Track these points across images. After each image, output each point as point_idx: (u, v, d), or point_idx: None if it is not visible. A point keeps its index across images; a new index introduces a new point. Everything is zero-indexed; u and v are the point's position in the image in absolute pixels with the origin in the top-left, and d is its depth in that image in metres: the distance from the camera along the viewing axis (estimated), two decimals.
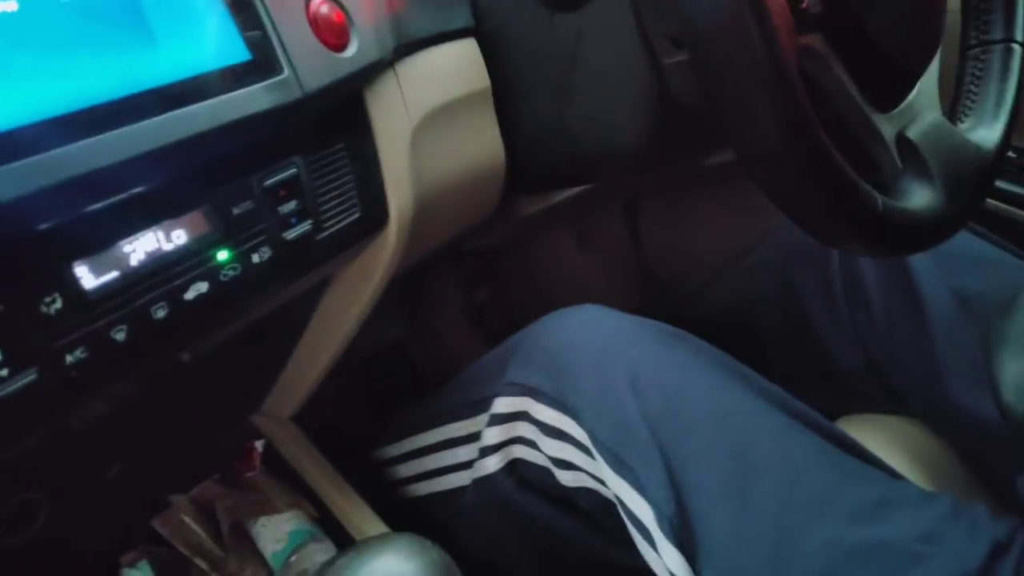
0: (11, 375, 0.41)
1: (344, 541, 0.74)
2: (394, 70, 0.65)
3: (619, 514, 0.62)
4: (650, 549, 0.59)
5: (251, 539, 0.73)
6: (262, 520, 0.73)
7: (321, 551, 0.73)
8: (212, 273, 0.51)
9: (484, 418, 0.71)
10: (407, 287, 1.25)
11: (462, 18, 0.72)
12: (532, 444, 0.68)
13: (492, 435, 0.70)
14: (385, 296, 0.72)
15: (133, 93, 0.46)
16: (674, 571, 0.57)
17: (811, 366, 0.89)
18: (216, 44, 0.51)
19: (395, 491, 0.80)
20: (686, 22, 0.51)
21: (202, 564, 0.71)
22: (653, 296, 1.31)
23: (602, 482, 0.63)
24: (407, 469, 0.80)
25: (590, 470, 0.64)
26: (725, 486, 0.58)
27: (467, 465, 0.74)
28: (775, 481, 0.58)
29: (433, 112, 0.68)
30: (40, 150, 0.40)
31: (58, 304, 0.43)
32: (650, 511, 0.58)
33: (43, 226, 0.43)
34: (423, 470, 0.78)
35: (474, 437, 0.72)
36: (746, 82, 0.50)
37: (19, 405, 0.41)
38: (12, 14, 0.41)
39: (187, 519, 0.71)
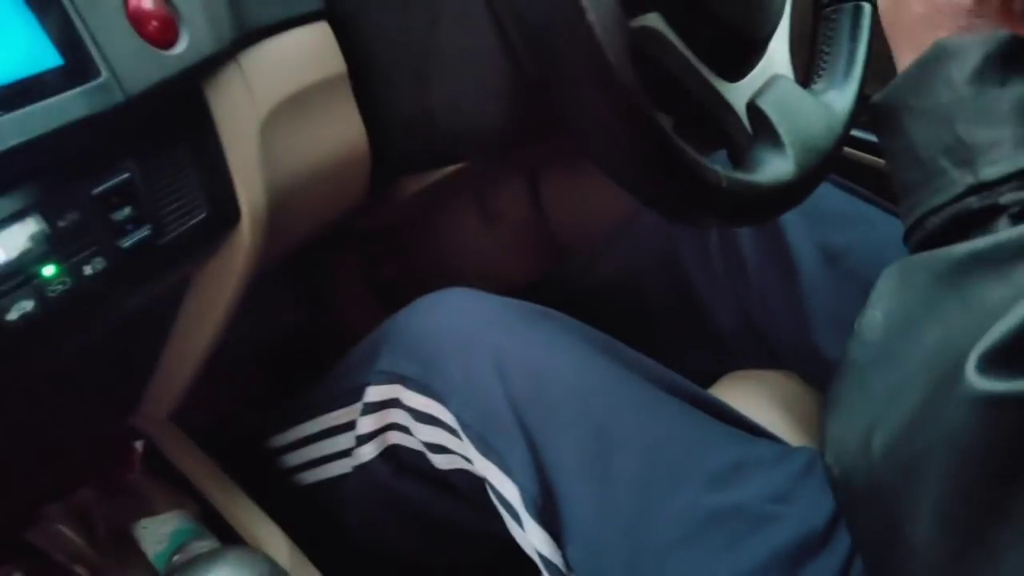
0: None
1: (228, 537, 0.73)
2: (237, 62, 0.63)
3: (492, 498, 0.63)
4: (517, 528, 0.61)
5: (134, 542, 0.73)
6: (143, 522, 0.72)
7: (204, 549, 0.72)
8: (37, 291, 0.49)
9: (358, 407, 0.71)
10: (305, 271, 1.24)
11: (310, 2, 0.70)
12: (405, 430, 0.68)
13: (367, 423, 0.70)
14: (278, 282, 0.71)
15: None
16: (540, 550, 0.59)
17: (695, 329, 0.91)
18: (21, 50, 0.49)
19: (282, 482, 0.80)
20: (515, 17, 0.51)
21: (82, 572, 0.70)
22: (556, 266, 1.32)
23: (471, 466, 0.64)
24: (292, 459, 0.80)
25: (460, 452, 0.65)
26: (587, 464, 0.59)
27: (346, 453, 0.74)
28: (635, 454, 0.59)
29: (284, 102, 0.67)
30: None
31: None
32: (516, 492, 0.60)
33: None
34: (306, 459, 0.78)
35: (350, 426, 0.72)
36: (577, 72, 0.50)
37: None
38: None
39: (63, 528, 0.70)
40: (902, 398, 0.38)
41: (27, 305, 0.49)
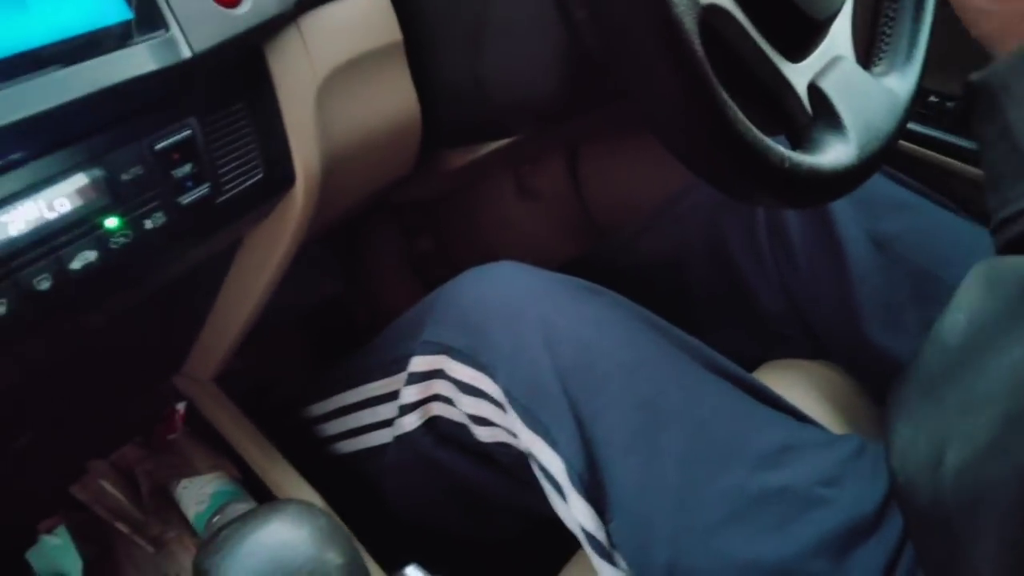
0: None
1: (265, 498, 0.74)
2: (297, 25, 0.63)
3: (534, 471, 0.63)
4: (561, 502, 0.60)
5: (174, 501, 0.73)
6: (184, 482, 0.73)
7: (244, 509, 0.73)
8: (100, 241, 0.50)
9: (402, 376, 0.71)
10: (344, 241, 1.24)
11: None
12: (449, 401, 0.68)
13: (410, 393, 0.70)
14: (319, 251, 0.72)
15: (3, 57, 0.44)
16: (584, 524, 0.59)
17: (738, 312, 0.90)
18: (92, 2, 0.49)
19: (321, 450, 0.81)
20: None
21: (123, 528, 0.71)
22: (594, 244, 1.31)
23: (515, 438, 0.64)
24: (331, 427, 0.80)
25: (505, 425, 0.65)
26: (633, 438, 0.59)
27: (388, 423, 0.74)
28: (682, 431, 0.59)
29: (340, 67, 0.67)
30: None
31: None
32: (562, 466, 0.59)
33: None
34: (346, 428, 0.79)
35: (393, 396, 0.72)
36: (644, 45, 0.49)
37: None
38: None
39: (106, 484, 0.71)
40: (980, 416, 0.36)
41: (90, 255, 0.49)
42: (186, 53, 0.52)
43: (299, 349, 1.05)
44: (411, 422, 0.71)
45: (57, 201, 0.48)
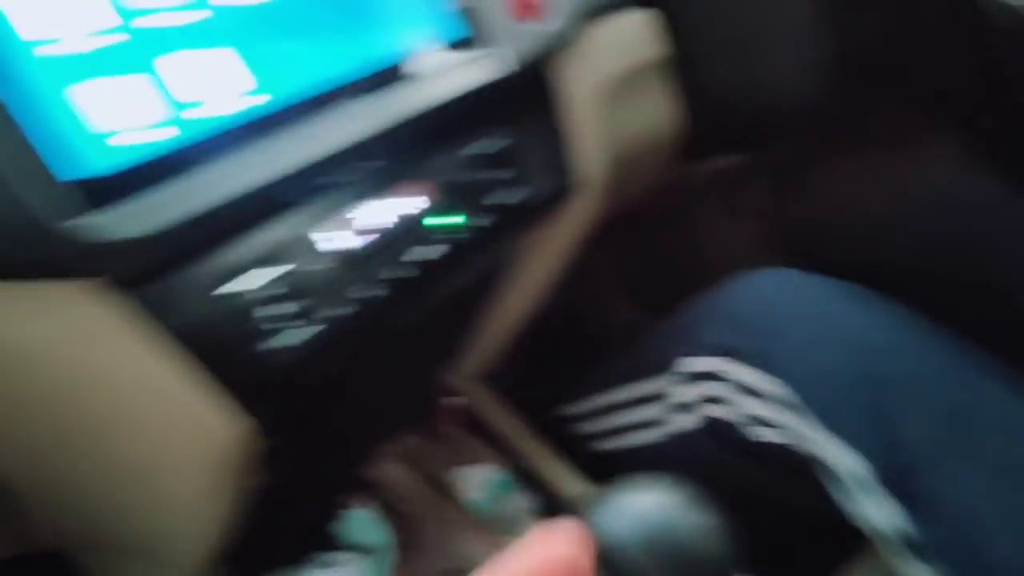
0: (290, 327, 0.46)
1: (541, 492, 0.78)
2: (580, 40, 0.68)
3: (819, 471, 0.63)
4: (862, 503, 0.60)
5: (454, 489, 0.79)
6: (463, 472, 0.78)
7: (520, 501, 0.77)
8: (444, 236, 0.55)
9: (673, 377, 0.73)
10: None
11: None
12: (727, 403, 0.69)
13: (683, 394, 0.72)
14: None
15: (367, 75, 0.50)
16: (884, 529, 0.58)
17: (997, 318, 0.86)
18: (435, 24, 0.55)
19: (582, 446, 0.84)
20: None
21: (411, 512, 0.76)
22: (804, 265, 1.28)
23: (803, 439, 0.64)
24: (593, 426, 0.83)
25: (791, 426, 0.65)
26: (946, 444, 0.58)
27: (657, 423, 0.76)
28: (994, 439, 0.58)
29: (615, 80, 0.71)
30: (293, 126, 0.45)
31: (323, 263, 0.48)
32: (865, 467, 0.59)
33: (305, 196, 0.48)
34: (610, 427, 0.81)
35: (663, 396, 0.74)
36: None
37: (308, 352, 0.46)
38: (271, 4, 0.46)
39: (396, 470, 0.77)
40: None
41: (440, 249, 0.55)
42: (512, 66, 0.57)
43: (539, 353, 1.09)
44: (683, 422, 0.73)
45: (412, 201, 0.54)
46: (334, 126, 0.47)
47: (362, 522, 0.73)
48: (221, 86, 0.43)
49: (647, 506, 0.44)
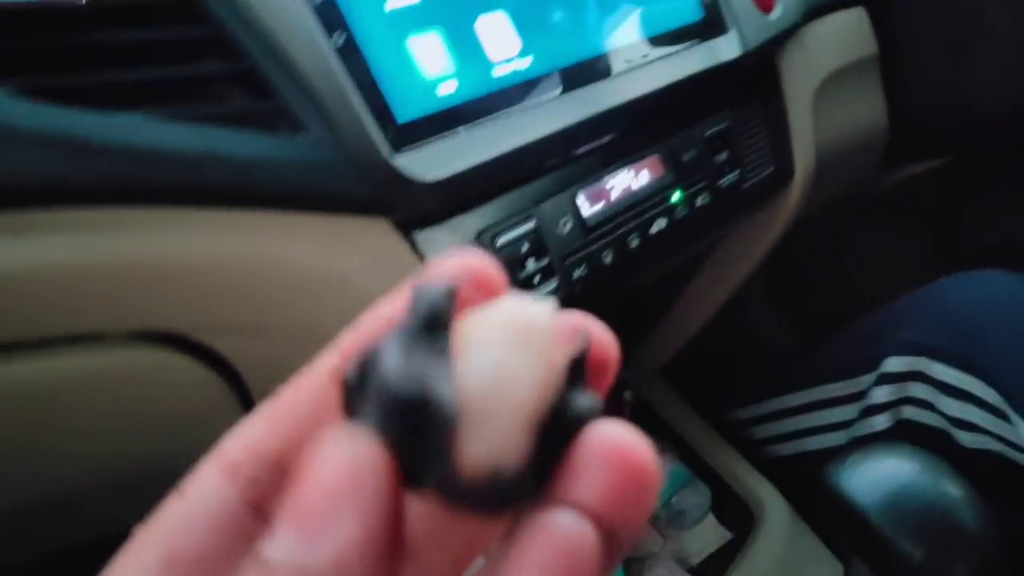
0: (540, 283, 0.48)
1: (716, 486, 0.77)
2: (799, 35, 0.68)
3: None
4: None
5: None
6: None
7: (698, 494, 0.77)
8: (669, 211, 0.56)
9: (870, 378, 0.71)
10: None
11: None
12: (926, 405, 0.67)
13: (880, 394, 0.70)
14: None
15: (620, 46, 0.52)
16: None
17: None
18: (675, 5, 0.56)
19: (757, 450, 0.83)
20: None
21: None
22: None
23: (1012, 445, 0.61)
24: (769, 429, 0.82)
25: (998, 432, 0.63)
26: None
27: (844, 425, 0.74)
28: None
29: (830, 75, 0.70)
30: (552, 94, 0.47)
31: (569, 227, 0.50)
32: None
33: (553, 161, 0.50)
34: (790, 430, 0.80)
35: (856, 397, 0.73)
36: None
37: None
38: None
39: None
40: None
41: (662, 223, 0.56)
42: (739, 51, 0.58)
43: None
44: (877, 424, 0.71)
45: (641, 175, 0.55)
46: (585, 96, 0.49)
47: None
48: (501, 46, 0.45)
49: (897, 470, 0.44)
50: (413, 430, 0.12)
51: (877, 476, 0.40)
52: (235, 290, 0.40)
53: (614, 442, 0.13)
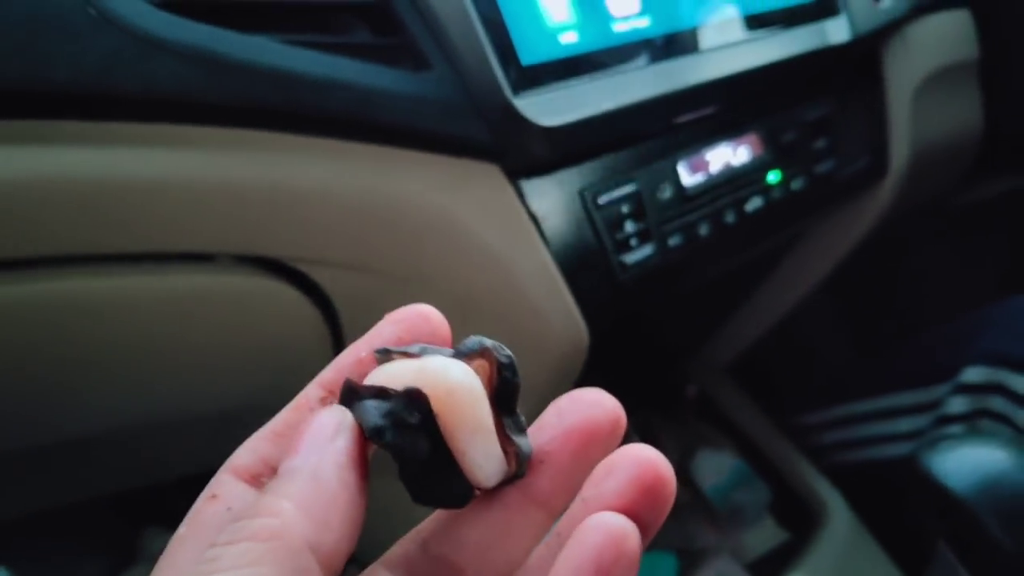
0: (637, 246, 0.47)
1: (777, 483, 0.76)
2: (903, 31, 0.67)
3: None
4: None
5: (689, 469, 0.78)
6: (702, 453, 0.77)
7: (757, 491, 0.76)
8: (765, 191, 0.55)
9: (945, 388, 0.69)
10: None
11: None
12: (1003, 418, 0.66)
13: (956, 405, 0.68)
14: None
15: (734, 18, 0.52)
16: None
17: None
18: None
19: (820, 456, 0.81)
20: None
21: None
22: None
23: None
24: (834, 436, 0.80)
25: None
26: None
27: (914, 435, 0.73)
28: None
29: (931, 74, 0.69)
30: (673, 56, 0.47)
31: (667, 193, 0.49)
32: None
33: (659, 125, 0.50)
34: (856, 437, 0.78)
35: (929, 407, 0.71)
36: None
37: (638, 272, 0.48)
38: None
39: (636, 440, 0.77)
40: None
41: (757, 201, 0.55)
42: (847, 35, 0.57)
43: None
44: (951, 435, 0.69)
45: (740, 151, 0.55)
46: (695, 63, 0.49)
47: None
48: (621, 3, 0.45)
49: (992, 457, 0.43)
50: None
51: (971, 461, 0.39)
52: (343, 223, 0.40)
53: (642, 457, 0.17)
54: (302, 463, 0.17)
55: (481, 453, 0.17)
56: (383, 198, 0.40)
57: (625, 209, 0.47)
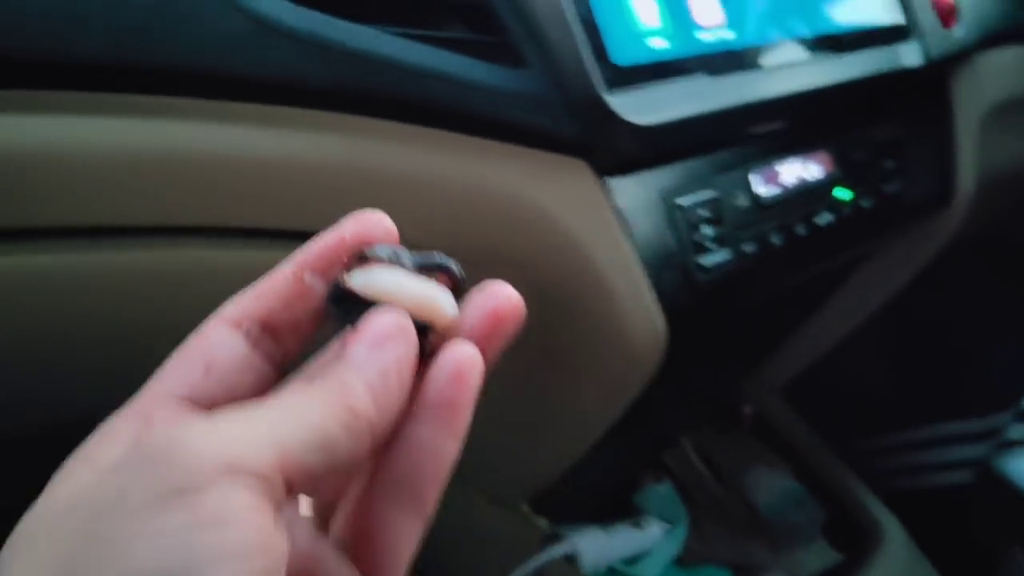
0: (715, 249, 0.49)
1: (830, 504, 0.76)
2: (972, 60, 0.68)
3: None
4: None
5: (744, 487, 0.78)
6: (758, 472, 0.77)
7: (811, 512, 0.75)
8: (835, 207, 0.56)
9: (1006, 415, 0.69)
10: None
11: None
12: None
13: (1018, 432, 0.68)
14: None
15: (813, 35, 0.53)
16: None
17: None
18: (869, 4, 0.57)
19: (875, 482, 0.81)
20: None
21: (700, 499, 0.76)
22: None
23: None
24: (889, 462, 0.80)
25: None
26: None
27: (971, 464, 0.72)
28: None
29: (1000, 104, 0.70)
30: (754, 68, 0.49)
31: (744, 202, 0.50)
32: None
33: (735, 135, 0.51)
34: (912, 464, 0.78)
35: (989, 435, 0.71)
36: None
37: (714, 275, 0.49)
38: None
39: (693, 457, 0.77)
40: None
41: (828, 216, 0.56)
42: (920, 60, 0.58)
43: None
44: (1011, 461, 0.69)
45: (811, 166, 0.56)
46: (774, 76, 0.50)
47: (663, 497, 0.74)
48: (707, 14, 0.47)
49: None
50: None
51: None
52: (437, 209, 0.42)
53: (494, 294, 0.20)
54: (368, 358, 0.19)
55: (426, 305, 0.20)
56: (478, 187, 0.42)
57: (704, 213, 0.48)
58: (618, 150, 0.43)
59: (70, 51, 0.33)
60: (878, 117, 0.60)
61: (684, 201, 0.47)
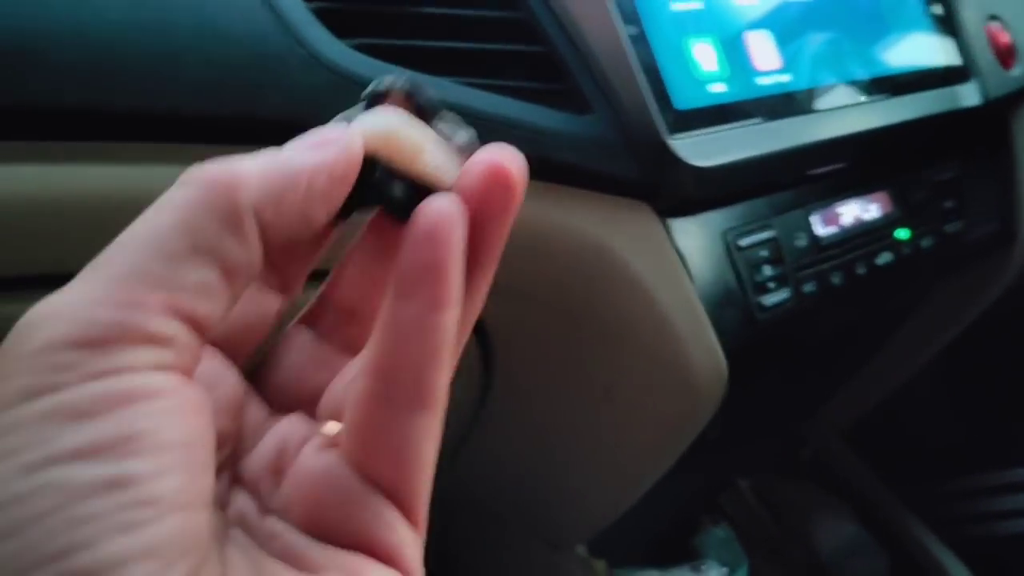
0: (775, 289, 0.49)
1: (895, 551, 0.74)
2: None
3: None
4: None
5: (805, 531, 0.77)
6: (820, 517, 0.76)
7: (874, 557, 0.74)
8: (894, 247, 0.57)
9: None
10: None
11: None
12: None
13: None
14: None
15: (870, 78, 0.54)
16: None
17: None
18: (927, 46, 0.58)
19: (940, 529, 0.79)
20: None
21: (759, 543, 0.75)
22: None
23: None
24: (956, 509, 0.78)
25: None
26: None
27: None
28: None
29: None
30: (812, 111, 0.49)
31: (803, 242, 0.51)
32: None
33: (794, 177, 0.52)
34: (981, 511, 0.76)
35: None
36: None
37: (775, 314, 0.49)
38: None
39: (752, 500, 0.77)
40: None
41: (887, 256, 0.56)
42: (978, 99, 0.59)
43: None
44: None
45: (870, 206, 0.56)
46: (832, 119, 0.51)
47: (722, 540, 0.73)
48: (765, 59, 0.48)
49: None
50: None
51: None
52: (507, 249, 0.43)
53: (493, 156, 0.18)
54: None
55: (431, 165, 0.18)
56: (544, 228, 0.43)
57: (764, 253, 0.49)
58: (680, 192, 0.44)
59: (168, 105, 0.35)
60: (938, 157, 0.61)
61: (744, 241, 0.48)
